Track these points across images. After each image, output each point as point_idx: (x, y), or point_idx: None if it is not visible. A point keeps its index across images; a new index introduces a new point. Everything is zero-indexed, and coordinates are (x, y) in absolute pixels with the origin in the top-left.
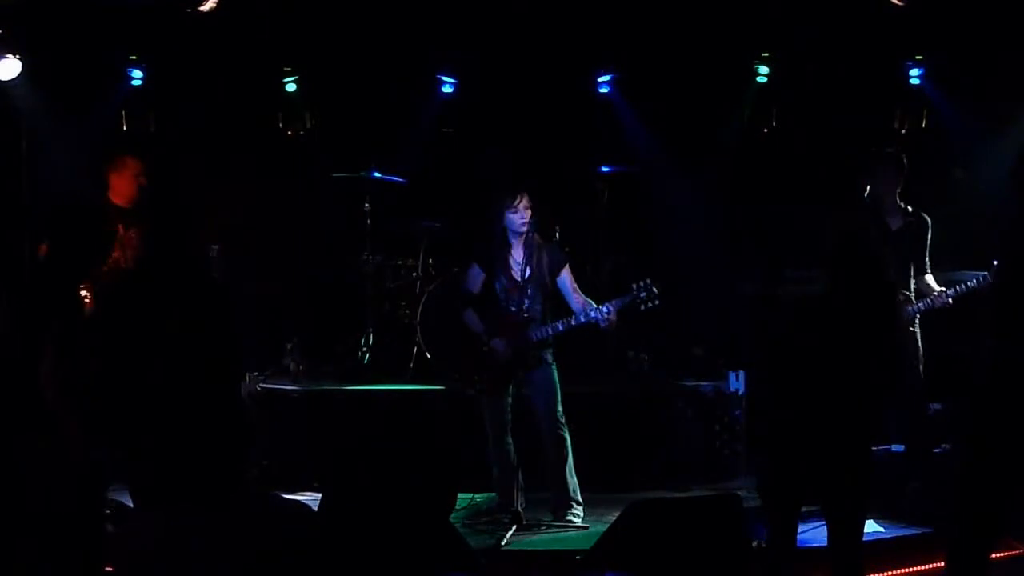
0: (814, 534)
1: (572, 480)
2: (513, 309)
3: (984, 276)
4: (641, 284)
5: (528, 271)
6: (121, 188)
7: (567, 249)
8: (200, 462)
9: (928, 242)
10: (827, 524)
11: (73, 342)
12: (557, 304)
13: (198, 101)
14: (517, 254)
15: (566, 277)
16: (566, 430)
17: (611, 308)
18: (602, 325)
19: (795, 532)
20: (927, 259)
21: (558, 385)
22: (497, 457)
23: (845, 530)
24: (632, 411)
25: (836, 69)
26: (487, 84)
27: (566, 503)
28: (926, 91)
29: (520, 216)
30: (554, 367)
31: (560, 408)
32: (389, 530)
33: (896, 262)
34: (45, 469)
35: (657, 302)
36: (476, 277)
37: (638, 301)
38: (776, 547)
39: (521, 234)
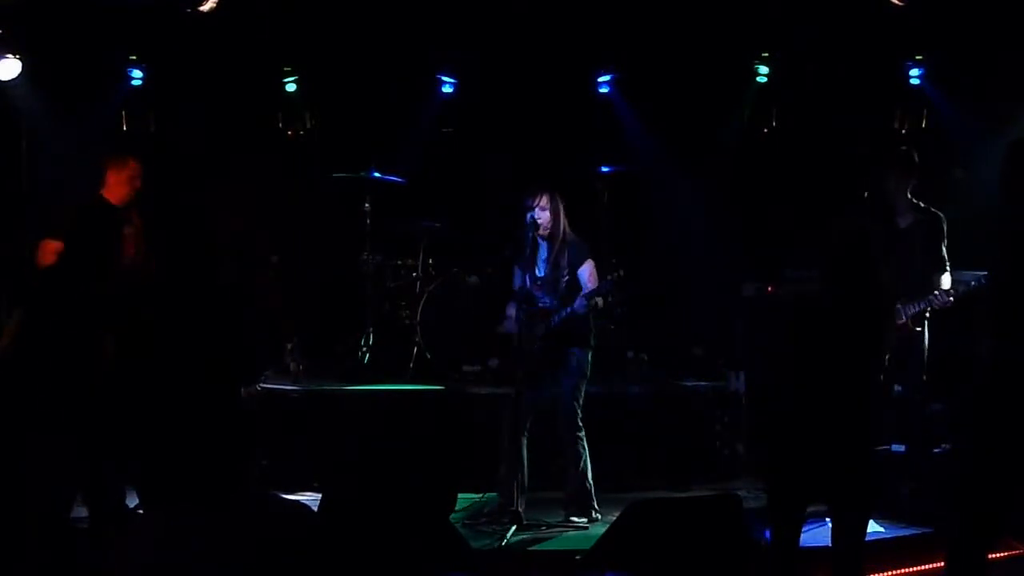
0: (815, 534)
1: (587, 485)
2: (536, 306)
3: (985, 276)
4: (611, 277)
5: (546, 268)
6: (117, 187)
7: None
8: (200, 462)
9: (942, 238)
10: (832, 523)
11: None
12: None
13: (198, 101)
14: (542, 252)
15: (585, 271)
16: (581, 432)
17: (583, 300)
18: (580, 313)
19: (799, 532)
20: (943, 255)
21: (579, 387)
22: (507, 455)
23: (848, 530)
24: (632, 411)
25: (836, 69)
26: (487, 84)
27: (580, 504)
28: (926, 91)
29: (537, 215)
30: (576, 367)
31: (576, 408)
32: (389, 530)
33: (904, 261)
34: (48, 469)
35: (613, 297)
36: (516, 276)
37: (606, 292)
38: (780, 547)
39: (543, 232)
